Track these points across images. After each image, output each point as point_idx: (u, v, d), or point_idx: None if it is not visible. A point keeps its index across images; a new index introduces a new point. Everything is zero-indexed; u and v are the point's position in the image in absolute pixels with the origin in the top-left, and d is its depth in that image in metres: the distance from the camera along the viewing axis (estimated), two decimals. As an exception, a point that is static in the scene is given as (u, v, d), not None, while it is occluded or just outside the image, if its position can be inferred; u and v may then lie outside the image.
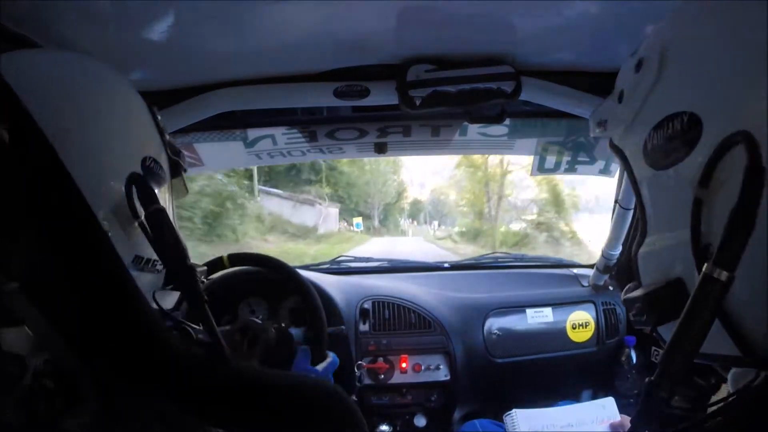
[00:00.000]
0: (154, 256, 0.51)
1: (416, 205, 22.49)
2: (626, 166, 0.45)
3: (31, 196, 0.31)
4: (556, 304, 1.35)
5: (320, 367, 0.90)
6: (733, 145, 0.32)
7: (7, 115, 0.30)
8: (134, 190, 0.48)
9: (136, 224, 0.48)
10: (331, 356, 0.94)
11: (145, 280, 0.51)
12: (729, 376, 0.40)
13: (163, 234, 0.45)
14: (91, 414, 0.34)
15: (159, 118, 0.58)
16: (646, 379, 0.37)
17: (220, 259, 0.97)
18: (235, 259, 0.99)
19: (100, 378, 0.34)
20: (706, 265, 0.33)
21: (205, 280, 0.61)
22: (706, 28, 0.36)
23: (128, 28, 0.75)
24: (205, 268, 0.62)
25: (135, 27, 0.75)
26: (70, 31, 0.72)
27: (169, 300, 0.56)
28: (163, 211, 0.46)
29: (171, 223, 0.46)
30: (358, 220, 15.63)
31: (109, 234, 0.45)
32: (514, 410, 1.02)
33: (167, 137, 0.58)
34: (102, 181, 0.47)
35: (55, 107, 0.46)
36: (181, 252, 0.44)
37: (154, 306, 0.53)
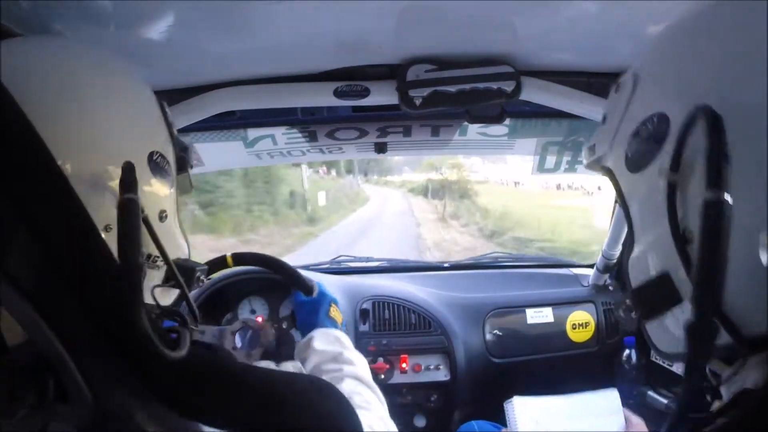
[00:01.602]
0: (155, 252, 0.50)
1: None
2: (613, 180, 0.47)
3: (12, 183, 0.31)
4: (556, 304, 1.35)
5: (315, 294, 0.92)
6: (694, 122, 0.35)
7: None
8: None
9: (140, 219, 0.46)
10: (317, 284, 0.94)
11: (147, 275, 0.50)
12: (722, 386, 0.40)
13: (126, 225, 0.43)
14: (83, 412, 0.34)
15: (168, 112, 0.57)
16: (686, 323, 0.35)
17: (224, 257, 0.97)
18: (239, 258, 0.99)
19: (92, 376, 0.34)
20: (707, 192, 0.33)
21: (204, 280, 0.61)
22: (670, 51, 0.44)
23: (128, 27, 0.75)
24: (206, 267, 0.61)
25: (135, 27, 0.75)
26: (70, 30, 0.72)
27: (168, 297, 0.56)
28: (133, 201, 0.44)
29: (138, 216, 0.44)
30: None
31: (111, 229, 0.44)
32: (514, 398, 1.01)
33: (175, 132, 0.58)
34: (107, 174, 0.47)
35: (58, 95, 0.46)
36: (133, 247, 0.41)
37: (152, 302, 0.51)
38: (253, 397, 0.43)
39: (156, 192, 0.52)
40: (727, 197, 0.33)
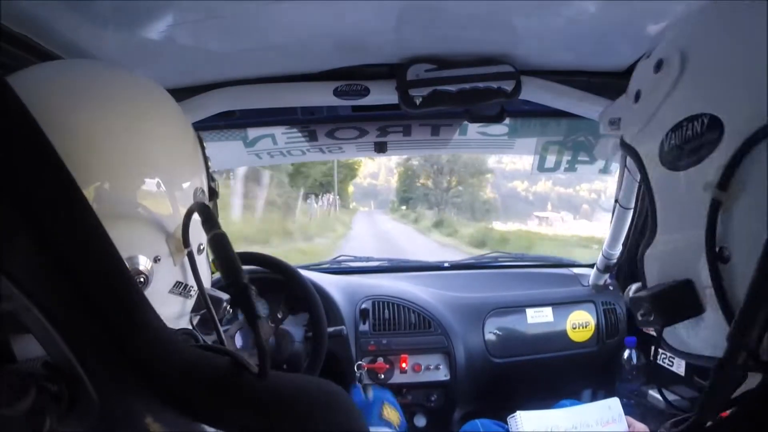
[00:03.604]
0: (191, 283, 0.53)
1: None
2: (639, 165, 0.43)
3: (25, 192, 0.31)
4: (556, 303, 1.35)
5: (369, 394, 0.95)
6: (755, 143, 0.31)
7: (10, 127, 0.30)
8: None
9: (185, 252, 0.51)
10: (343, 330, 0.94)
11: (179, 305, 0.53)
12: None
13: (226, 256, 0.47)
14: (90, 417, 0.34)
15: (204, 144, 0.59)
16: (717, 363, 0.33)
17: None
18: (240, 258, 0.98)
19: (100, 381, 0.34)
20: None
21: (230, 310, 0.63)
22: (728, 30, 0.36)
23: (128, 28, 0.75)
24: (230, 297, 0.62)
25: (135, 27, 0.75)
26: (70, 31, 0.72)
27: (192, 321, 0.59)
28: (224, 234, 0.48)
29: (230, 246, 0.48)
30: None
31: (159, 260, 0.48)
32: (518, 412, 1.01)
33: (210, 164, 0.60)
34: (164, 213, 0.49)
35: (117, 128, 0.46)
36: (237, 270, 0.46)
37: (189, 327, 0.56)
38: (261, 400, 0.43)
39: (197, 227, 0.53)
40: None
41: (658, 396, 1.16)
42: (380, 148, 1.32)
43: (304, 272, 1.13)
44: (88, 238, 0.34)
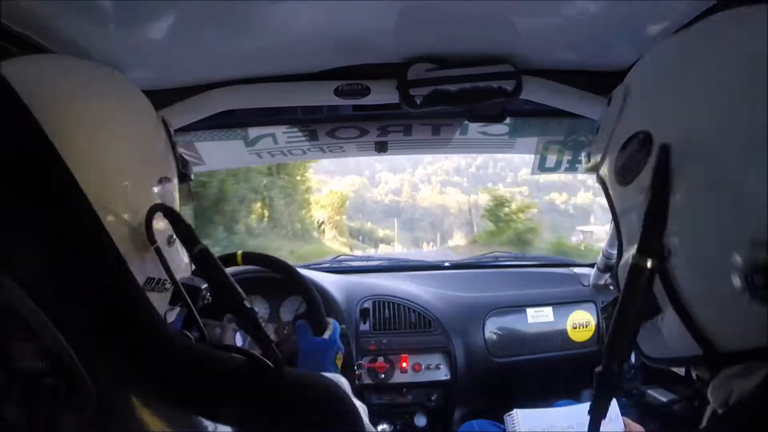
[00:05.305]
0: (164, 276, 0.52)
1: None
2: (604, 188, 0.49)
3: (28, 192, 0.31)
4: (556, 303, 1.35)
5: (326, 335, 0.89)
6: (667, 151, 0.38)
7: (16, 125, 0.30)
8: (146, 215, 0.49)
9: (152, 248, 0.49)
10: (332, 323, 0.93)
11: (156, 300, 0.52)
12: (709, 389, 0.41)
13: (213, 274, 0.47)
14: (90, 411, 0.35)
15: (171, 130, 0.58)
16: (595, 370, 0.43)
17: (234, 255, 0.97)
18: (248, 258, 0.99)
19: (98, 374, 0.34)
20: (632, 255, 0.38)
21: (209, 298, 0.62)
22: (657, 72, 0.46)
23: (128, 26, 0.75)
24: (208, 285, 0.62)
25: (135, 26, 0.75)
26: (70, 29, 0.72)
27: (169, 316, 0.58)
28: (207, 250, 0.48)
29: (217, 261, 0.48)
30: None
31: (125, 256, 0.47)
32: (514, 410, 1.01)
33: (178, 151, 0.59)
34: (125, 205, 0.48)
35: (75, 119, 0.45)
36: (236, 294, 0.46)
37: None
38: (261, 394, 0.43)
39: (164, 220, 0.52)
40: (650, 263, 0.37)
41: (657, 395, 1.16)
42: (381, 147, 1.32)
43: (304, 271, 1.13)
44: (89, 234, 0.34)
